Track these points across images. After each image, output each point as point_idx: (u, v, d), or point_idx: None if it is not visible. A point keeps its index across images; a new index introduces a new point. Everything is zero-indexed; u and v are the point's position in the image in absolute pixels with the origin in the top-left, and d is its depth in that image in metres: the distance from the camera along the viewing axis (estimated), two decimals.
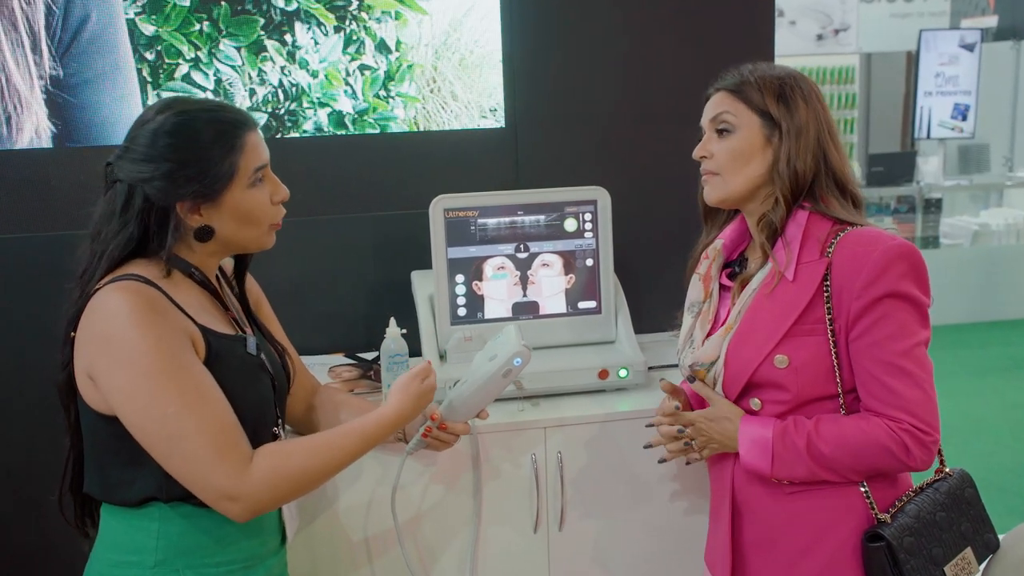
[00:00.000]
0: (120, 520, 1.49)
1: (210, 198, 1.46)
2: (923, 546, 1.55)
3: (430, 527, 2.01)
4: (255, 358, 1.56)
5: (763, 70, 1.65)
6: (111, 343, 1.38)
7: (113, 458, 1.46)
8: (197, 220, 1.48)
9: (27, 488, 2.30)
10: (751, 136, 1.61)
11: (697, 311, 1.73)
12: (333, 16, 2.36)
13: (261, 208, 1.52)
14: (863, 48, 7.91)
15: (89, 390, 1.44)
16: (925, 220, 7.11)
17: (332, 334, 2.43)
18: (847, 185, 1.63)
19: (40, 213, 2.29)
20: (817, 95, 1.64)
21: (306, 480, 1.47)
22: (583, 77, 2.50)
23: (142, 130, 1.45)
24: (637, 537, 2.10)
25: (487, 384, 1.67)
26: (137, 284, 1.42)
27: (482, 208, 2.16)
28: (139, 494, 1.45)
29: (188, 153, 1.43)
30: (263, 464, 1.42)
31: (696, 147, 1.68)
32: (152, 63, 2.29)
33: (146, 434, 1.39)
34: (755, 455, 1.59)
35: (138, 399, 1.38)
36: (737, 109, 1.62)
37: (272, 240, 1.58)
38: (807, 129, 1.59)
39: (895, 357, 1.50)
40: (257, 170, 1.49)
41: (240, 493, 1.39)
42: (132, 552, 1.47)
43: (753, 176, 1.62)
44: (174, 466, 1.40)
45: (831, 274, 1.55)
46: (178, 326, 1.43)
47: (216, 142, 1.45)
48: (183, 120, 1.45)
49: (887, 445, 1.50)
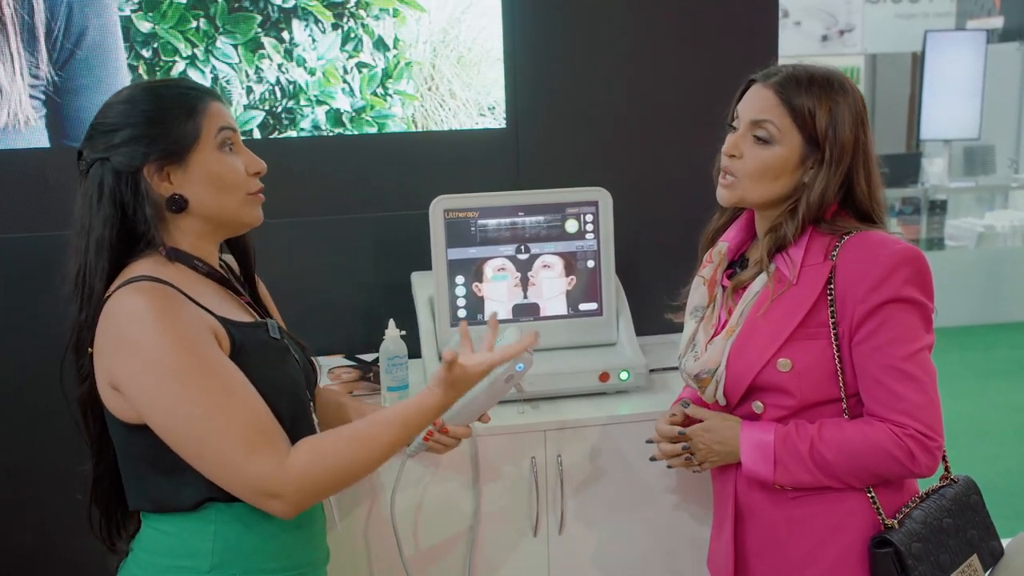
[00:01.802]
0: (172, 524, 1.43)
1: (176, 158, 1.42)
2: (931, 552, 1.52)
3: (429, 530, 1.98)
4: (280, 342, 1.53)
5: (821, 81, 1.54)
6: (131, 347, 1.34)
7: (152, 469, 1.41)
8: (167, 188, 1.43)
9: (27, 488, 2.29)
10: (789, 155, 1.55)
11: (700, 315, 1.70)
12: (331, 13, 2.33)
13: (233, 173, 1.47)
14: (868, 49, 7.89)
15: (114, 401, 1.39)
16: (930, 222, 7.08)
17: (331, 335, 2.41)
18: (870, 214, 1.58)
19: (39, 212, 2.27)
20: (864, 120, 1.56)
21: (348, 474, 1.41)
22: (584, 76, 2.47)
23: (104, 109, 1.45)
24: (638, 542, 2.07)
25: (489, 389, 1.65)
26: (151, 284, 1.38)
27: (482, 209, 2.13)
28: (192, 498, 1.40)
29: (148, 115, 1.41)
30: (302, 458, 1.36)
31: (728, 140, 1.60)
32: (148, 60, 2.26)
33: (176, 437, 1.35)
34: (757, 460, 1.56)
35: (164, 402, 1.33)
36: (783, 124, 1.54)
37: (258, 215, 1.52)
38: (845, 158, 1.53)
39: (900, 361, 1.48)
40: (221, 130, 1.45)
41: (280, 489, 1.34)
42: (186, 556, 1.42)
43: (778, 192, 1.57)
44: (207, 468, 1.35)
45: (835, 277, 1.52)
46: (198, 322, 1.38)
47: (176, 105, 1.43)
48: (141, 89, 1.45)
49: (891, 451, 1.48)
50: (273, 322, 1.55)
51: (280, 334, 1.54)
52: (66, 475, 1.63)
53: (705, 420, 1.65)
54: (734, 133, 1.60)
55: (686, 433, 1.66)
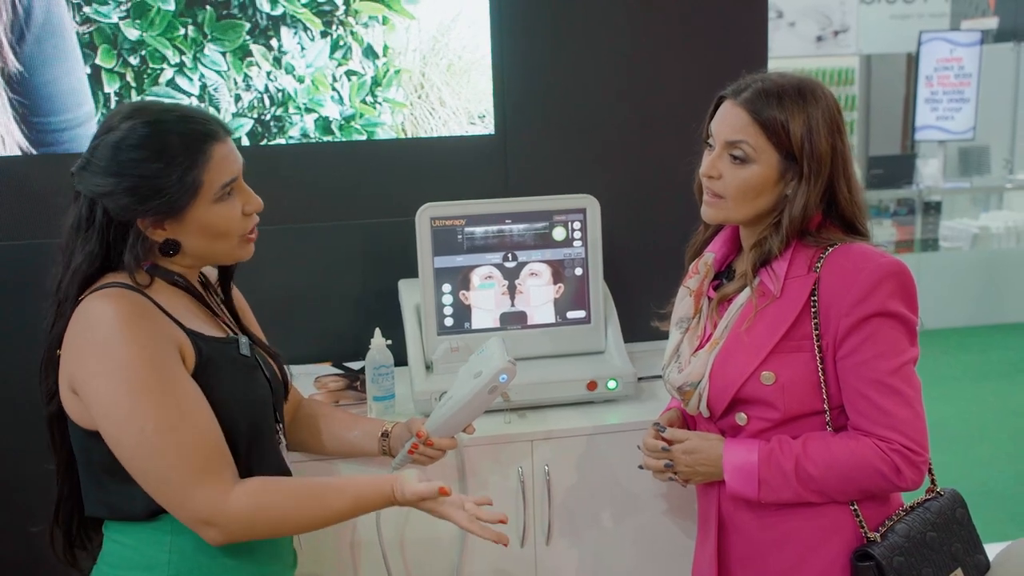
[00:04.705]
0: (128, 535, 1.43)
1: (172, 215, 1.40)
2: (913, 566, 1.52)
3: (416, 542, 1.98)
4: (249, 359, 1.52)
5: (792, 93, 1.51)
6: (93, 351, 1.34)
7: (109, 476, 1.41)
8: (161, 235, 1.42)
9: (15, 499, 2.27)
10: (767, 173, 1.53)
11: (686, 327, 1.70)
12: (320, 21, 2.33)
13: (229, 222, 1.45)
14: (863, 50, 7.88)
15: (74, 405, 1.39)
16: (925, 223, 7.07)
17: (318, 343, 2.41)
18: (854, 222, 1.57)
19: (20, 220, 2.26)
20: (839, 126, 1.54)
21: (286, 526, 1.44)
22: (573, 84, 2.47)
23: (104, 140, 1.38)
24: (625, 552, 2.07)
25: (472, 401, 1.65)
26: (122, 291, 1.38)
27: (469, 217, 2.13)
28: (145, 507, 1.40)
29: (149, 168, 1.36)
30: (245, 500, 1.37)
31: (704, 161, 1.59)
32: (136, 68, 2.26)
33: (123, 448, 1.35)
34: (741, 482, 1.56)
35: (117, 411, 1.33)
36: (758, 143, 1.52)
37: (248, 251, 1.52)
38: (824, 169, 1.52)
39: (885, 376, 1.47)
40: (225, 186, 1.43)
41: (217, 520, 1.35)
42: (143, 569, 1.42)
43: (761, 208, 1.57)
44: (150, 484, 1.36)
45: (819, 289, 1.52)
46: (165, 334, 1.38)
47: (180, 157, 1.38)
48: (146, 133, 1.37)
49: (877, 466, 1.48)
50: (244, 339, 1.54)
51: (251, 351, 1.54)
52: (52, 485, 1.62)
53: (685, 441, 1.64)
54: (711, 151, 1.59)
55: (670, 450, 1.65)
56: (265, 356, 1.60)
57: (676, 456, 1.64)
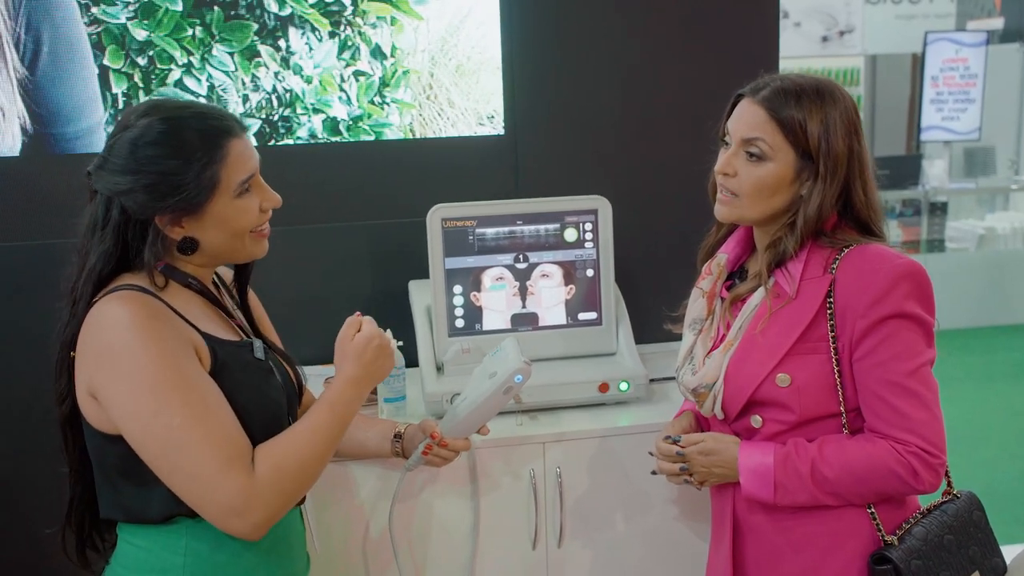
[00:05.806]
0: (143, 538, 1.42)
1: (190, 212, 1.39)
2: (930, 569, 1.51)
3: (427, 543, 1.97)
4: (263, 363, 1.51)
5: (810, 93, 1.52)
6: (111, 355, 1.33)
7: (125, 480, 1.40)
8: (179, 232, 1.41)
9: (19, 501, 2.27)
10: (783, 171, 1.53)
11: (699, 328, 1.69)
12: (327, 21, 2.32)
13: (247, 217, 1.44)
14: (868, 50, 7.87)
15: (91, 409, 1.38)
16: (930, 224, 7.06)
17: (328, 344, 2.37)
18: (869, 224, 1.56)
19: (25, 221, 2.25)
20: (857, 128, 1.54)
21: (306, 473, 1.41)
22: (584, 84, 2.46)
23: (121, 138, 1.37)
24: (637, 554, 2.05)
25: (487, 402, 1.64)
26: (135, 293, 1.37)
27: (480, 218, 2.12)
28: (161, 511, 1.39)
29: (168, 165, 1.36)
30: (264, 468, 1.36)
31: (720, 157, 1.59)
32: (144, 68, 2.25)
33: (148, 449, 1.33)
34: (756, 484, 1.55)
35: (140, 412, 1.32)
36: (775, 141, 1.51)
37: (264, 248, 1.52)
38: (840, 170, 1.51)
39: (902, 378, 1.46)
40: (243, 182, 1.42)
41: (251, 503, 1.33)
42: (157, 572, 1.41)
43: (775, 208, 1.56)
44: (177, 482, 1.34)
45: (835, 291, 1.51)
46: (181, 335, 1.37)
47: (198, 153, 1.37)
48: (163, 129, 1.37)
49: (894, 469, 1.47)
50: (259, 343, 1.53)
51: (266, 354, 1.53)
52: (59, 487, 1.61)
53: (700, 443, 1.63)
54: (727, 149, 1.58)
55: (684, 454, 1.64)
56: (279, 360, 1.59)
57: (691, 457, 1.63)
